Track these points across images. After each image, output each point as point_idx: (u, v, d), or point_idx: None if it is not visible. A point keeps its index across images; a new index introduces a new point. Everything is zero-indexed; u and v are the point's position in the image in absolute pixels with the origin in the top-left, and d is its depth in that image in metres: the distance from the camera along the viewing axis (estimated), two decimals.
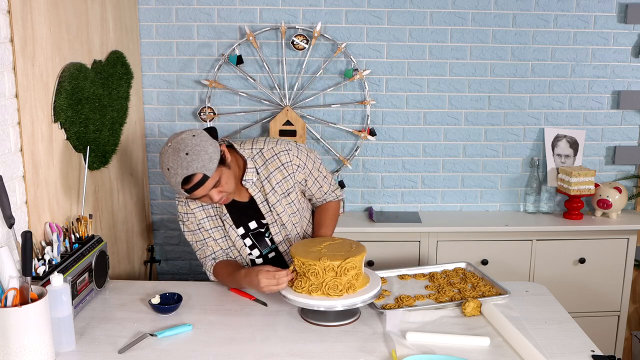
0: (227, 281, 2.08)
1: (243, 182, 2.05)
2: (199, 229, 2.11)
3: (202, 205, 2.09)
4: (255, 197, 2.09)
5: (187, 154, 1.82)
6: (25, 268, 1.59)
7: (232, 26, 2.95)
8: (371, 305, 1.91)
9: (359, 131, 3.02)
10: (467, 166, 3.13)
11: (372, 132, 3.02)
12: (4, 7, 1.75)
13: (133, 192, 2.84)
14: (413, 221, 2.96)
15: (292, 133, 2.95)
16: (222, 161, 1.92)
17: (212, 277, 2.14)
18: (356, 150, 3.05)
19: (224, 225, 2.11)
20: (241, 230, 2.12)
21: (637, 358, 3.10)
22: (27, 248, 1.59)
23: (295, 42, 2.91)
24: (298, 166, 2.10)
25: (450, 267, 2.24)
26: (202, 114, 3.00)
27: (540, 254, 2.94)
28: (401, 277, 2.18)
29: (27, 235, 1.60)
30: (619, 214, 3.03)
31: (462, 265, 2.25)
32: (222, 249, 2.14)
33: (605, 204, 2.97)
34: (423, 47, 2.99)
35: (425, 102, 3.05)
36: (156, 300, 1.92)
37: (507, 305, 1.94)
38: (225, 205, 2.09)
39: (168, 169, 1.84)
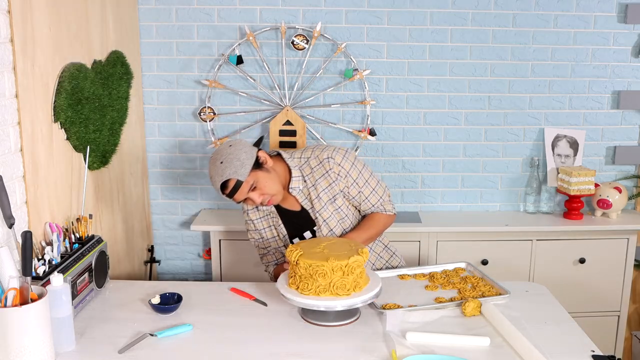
0: None
1: (290, 190, 2.12)
2: (262, 238, 2.26)
3: (260, 217, 2.23)
4: (303, 205, 2.15)
5: (221, 162, 1.99)
6: (25, 268, 1.59)
7: (232, 26, 2.95)
8: (371, 305, 1.91)
9: (359, 131, 3.02)
10: (467, 166, 3.13)
11: (372, 132, 3.02)
12: (4, 7, 1.75)
13: (133, 192, 2.84)
14: (413, 221, 2.96)
15: (292, 133, 2.95)
16: (258, 165, 2.03)
17: (272, 279, 2.27)
18: (356, 150, 3.05)
19: (278, 234, 2.23)
20: (297, 241, 2.20)
21: (637, 358, 3.10)
22: (27, 248, 1.59)
23: (295, 42, 2.91)
24: (338, 174, 2.11)
25: (450, 267, 2.24)
26: (202, 114, 3.00)
27: (540, 254, 2.94)
28: (401, 277, 2.18)
29: (27, 235, 1.60)
30: (619, 214, 3.02)
31: (462, 265, 2.25)
32: (283, 255, 2.25)
33: (605, 204, 2.97)
34: (423, 47, 2.99)
35: (425, 102, 3.05)
36: (156, 300, 1.92)
37: (507, 305, 1.93)
38: (279, 215, 2.19)
39: (211, 177, 2.02)
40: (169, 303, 1.93)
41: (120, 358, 1.65)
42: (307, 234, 2.20)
